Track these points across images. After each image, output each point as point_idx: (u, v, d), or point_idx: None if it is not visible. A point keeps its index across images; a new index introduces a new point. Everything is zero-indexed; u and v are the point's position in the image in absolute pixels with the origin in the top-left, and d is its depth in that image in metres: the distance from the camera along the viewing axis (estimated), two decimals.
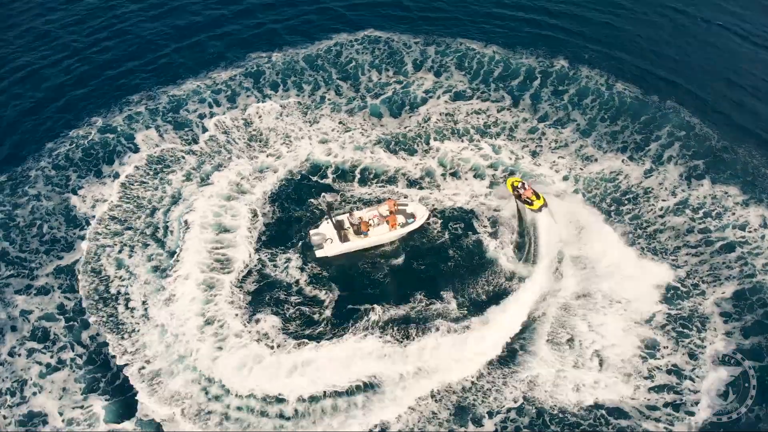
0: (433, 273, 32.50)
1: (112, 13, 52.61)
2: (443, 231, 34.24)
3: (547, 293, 31.42)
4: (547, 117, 40.98)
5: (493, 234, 33.98)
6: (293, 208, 35.50)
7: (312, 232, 33.12)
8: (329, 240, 32.67)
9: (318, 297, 31.24)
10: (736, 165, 37.12)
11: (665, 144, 38.54)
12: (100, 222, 34.11)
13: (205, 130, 39.97)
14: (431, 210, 34.88)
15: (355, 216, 33.23)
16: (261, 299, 31.06)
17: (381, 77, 44.01)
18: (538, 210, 32.58)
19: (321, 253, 32.47)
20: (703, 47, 47.86)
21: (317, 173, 37.35)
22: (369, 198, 35.92)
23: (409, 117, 41.03)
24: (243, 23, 50.71)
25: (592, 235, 33.37)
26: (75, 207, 35.02)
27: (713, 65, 46.04)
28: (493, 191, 36.22)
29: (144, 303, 30.64)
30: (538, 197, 32.79)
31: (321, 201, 35.51)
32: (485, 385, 27.68)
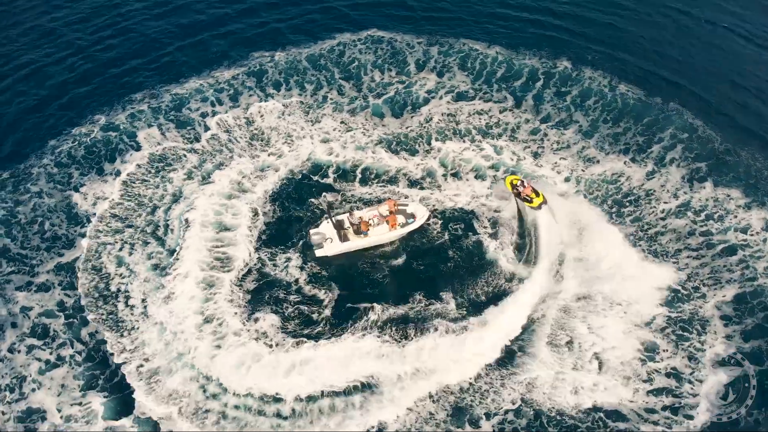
0: (433, 273, 32.42)
1: (116, 11, 52.66)
2: (443, 231, 34.16)
3: (547, 295, 31.27)
4: (550, 118, 40.84)
5: (493, 235, 33.87)
6: (294, 207, 35.48)
7: (312, 231, 33.10)
8: (329, 239, 32.63)
9: (317, 296, 31.21)
10: (738, 168, 36.91)
11: (668, 146, 38.35)
12: (101, 220, 34.13)
13: (207, 128, 39.96)
14: (431, 210, 34.80)
15: (355, 216, 33.19)
16: (260, 298, 31.05)
17: (383, 77, 43.94)
18: (537, 207, 32.46)
19: (321, 253, 32.44)
20: (707, 49, 47.62)
21: (318, 173, 37.32)
22: (369, 198, 35.87)
23: (411, 117, 40.96)
24: (247, 22, 50.75)
25: (594, 236, 33.17)
26: (76, 204, 35.10)
27: (717, 67, 45.79)
28: (493, 190, 36.13)
29: (143, 301, 30.66)
30: (537, 195, 32.67)
31: (322, 201, 35.48)
32: (483, 386, 27.60)
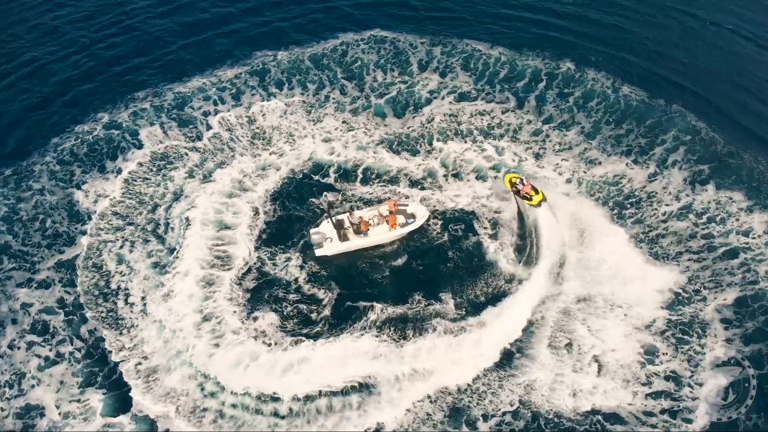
0: (432, 274, 32.34)
1: (120, 9, 52.75)
2: (443, 232, 34.09)
3: (547, 296, 31.15)
4: (552, 119, 40.68)
5: (494, 236, 33.76)
6: (294, 206, 35.45)
7: (312, 230, 33.09)
8: (329, 239, 32.60)
9: (316, 296, 31.19)
10: (741, 170, 36.67)
11: (670, 148, 38.15)
12: (102, 217, 34.21)
13: (209, 127, 39.97)
14: (432, 211, 34.75)
15: (355, 215, 33.16)
16: (260, 297, 31.05)
17: (386, 77, 43.88)
18: (537, 205, 32.37)
19: (320, 252, 32.41)
20: (711, 51, 47.33)
21: (319, 172, 37.29)
22: (370, 198, 35.85)
23: (413, 117, 40.87)
24: (250, 21, 50.75)
25: (597, 237, 33.11)
26: (78, 202, 35.15)
27: (722, 69, 45.49)
28: (492, 188, 36.05)
29: (143, 299, 30.67)
30: (536, 192, 32.60)
31: (322, 200, 35.46)
32: (481, 388, 27.50)
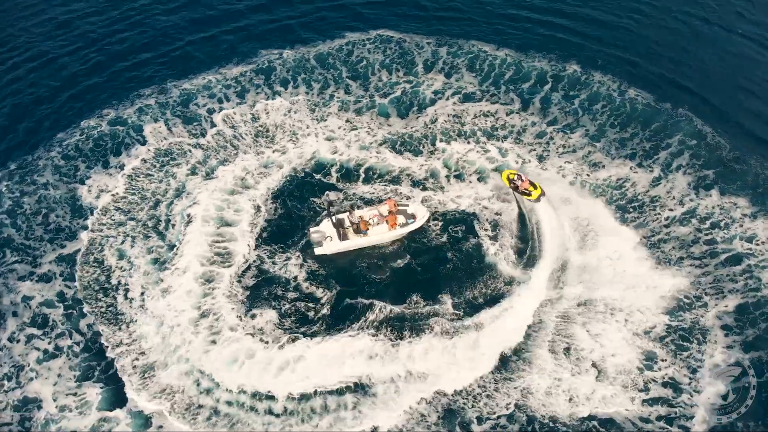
0: (432, 275, 32.28)
1: (129, 5, 52.93)
2: (444, 233, 34.00)
3: (548, 300, 31.07)
4: (556, 121, 40.43)
5: (494, 238, 33.62)
6: (296, 204, 35.48)
7: (312, 229, 33.12)
8: (329, 238, 32.59)
9: (315, 294, 31.26)
10: (746, 176, 36.27)
11: (675, 152, 37.78)
12: (105, 213, 34.45)
13: (214, 125, 40.10)
14: (433, 212, 34.66)
15: (355, 215, 33.17)
16: (258, 294, 31.17)
17: (391, 77, 43.77)
18: (536, 200, 32.36)
19: (320, 251, 32.42)
20: (721, 55, 46.71)
21: (321, 171, 37.31)
22: (371, 197, 35.83)
23: (417, 117, 40.76)
24: (258, 19, 50.76)
25: (599, 240, 32.99)
26: (81, 197, 35.40)
27: (730, 74, 44.90)
28: (489, 184, 35.99)
29: (142, 294, 30.86)
30: (535, 187, 32.52)
31: (323, 199, 35.47)
32: (476, 390, 27.43)
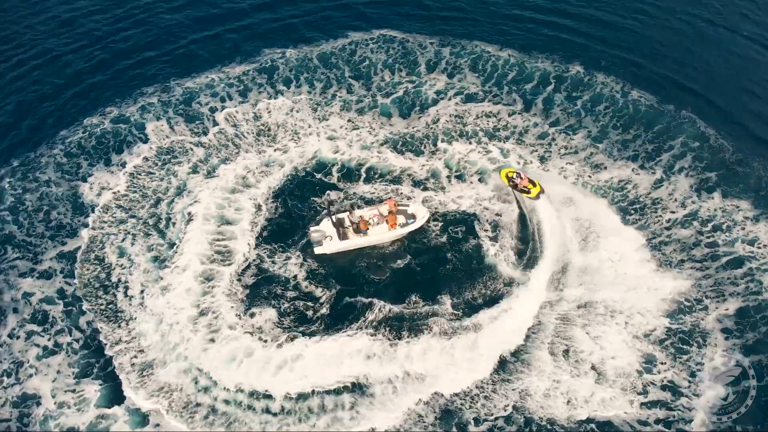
0: (431, 275, 32.24)
1: (134, 3, 53.13)
2: (444, 234, 33.94)
3: (548, 301, 30.96)
4: (559, 122, 40.29)
5: (494, 239, 33.54)
6: (296, 204, 35.49)
7: (312, 228, 33.12)
8: (328, 237, 32.59)
9: (314, 294, 31.27)
10: (749, 179, 36.09)
11: (677, 154, 37.61)
12: (106, 210, 34.55)
13: (216, 123, 40.15)
14: (433, 212, 34.62)
15: (356, 214, 33.16)
16: (258, 293, 31.20)
17: (393, 77, 43.71)
18: (536, 197, 32.31)
19: (320, 250, 32.41)
20: (726, 57, 46.45)
21: (323, 170, 37.32)
22: (372, 197, 35.81)
23: (419, 118, 40.70)
24: (262, 17, 50.84)
25: (601, 242, 32.88)
26: (83, 194, 35.52)
27: (734, 76, 44.65)
28: (490, 185, 35.94)
29: (142, 292, 30.94)
30: (534, 185, 32.47)
31: (324, 199, 35.46)
32: (474, 391, 27.37)
